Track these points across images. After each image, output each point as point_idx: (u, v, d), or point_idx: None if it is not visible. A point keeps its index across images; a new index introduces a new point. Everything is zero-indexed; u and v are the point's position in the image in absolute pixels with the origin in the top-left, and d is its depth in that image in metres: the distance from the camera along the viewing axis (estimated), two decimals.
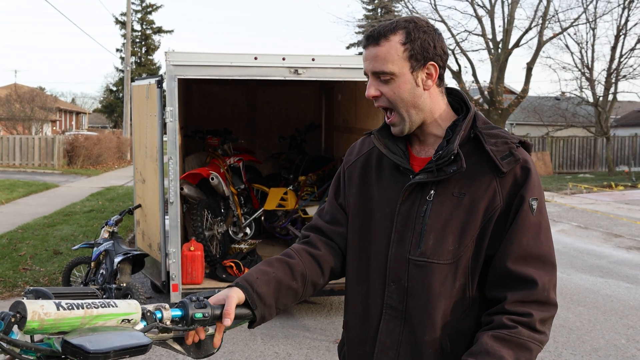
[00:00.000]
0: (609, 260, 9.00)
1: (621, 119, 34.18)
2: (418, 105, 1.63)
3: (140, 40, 51.18)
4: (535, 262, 1.54)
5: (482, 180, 1.59)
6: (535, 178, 1.59)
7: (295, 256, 1.75)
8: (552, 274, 1.56)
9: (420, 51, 1.59)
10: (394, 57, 1.59)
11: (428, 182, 1.62)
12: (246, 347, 5.23)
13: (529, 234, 1.55)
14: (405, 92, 1.61)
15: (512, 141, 1.60)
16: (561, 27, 24.55)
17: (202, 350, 1.64)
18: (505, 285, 1.55)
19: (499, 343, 1.47)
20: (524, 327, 1.50)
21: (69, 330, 1.30)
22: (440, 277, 1.59)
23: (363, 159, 1.81)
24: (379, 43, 1.60)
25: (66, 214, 12.24)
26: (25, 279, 7.25)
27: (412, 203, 1.64)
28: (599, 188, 19.11)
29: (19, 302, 1.24)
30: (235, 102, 9.33)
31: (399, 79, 1.60)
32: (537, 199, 1.58)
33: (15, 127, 31.13)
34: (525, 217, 1.55)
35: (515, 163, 1.57)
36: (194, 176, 6.66)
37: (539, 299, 1.52)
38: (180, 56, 5.49)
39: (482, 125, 1.65)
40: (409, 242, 1.63)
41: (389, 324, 1.66)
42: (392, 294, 1.65)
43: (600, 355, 5.19)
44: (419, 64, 1.60)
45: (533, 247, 1.54)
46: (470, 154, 1.61)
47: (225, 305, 1.54)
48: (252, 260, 6.54)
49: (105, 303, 1.37)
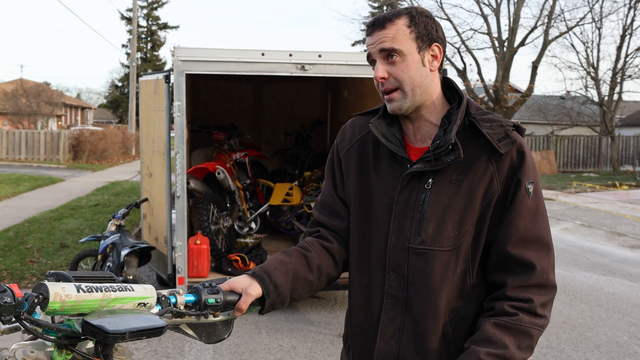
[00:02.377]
0: (612, 258, 9.02)
1: (626, 119, 34.10)
2: (423, 85, 1.64)
3: (146, 36, 51.21)
4: (533, 245, 1.57)
5: (479, 166, 1.61)
6: (530, 161, 1.62)
7: (311, 249, 1.78)
8: (549, 256, 1.59)
9: (425, 32, 1.63)
10: (402, 37, 1.62)
11: (426, 170, 1.63)
12: (251, 339, 5.29)
13: (526, 217, 1.57)
14: (413, 70, 1.63)
15: (507, 124, 1.63)
16: (567, 26, 24.51)
17: (213, 336, 1.68)
18: (506, 269, 1.58)
19: (500, 330, 1.51)
20: (525, 313, 1.53)
21: (88, 312, 1.34)
22: (442, 264, 1.61)
23: (358, 146, 1.81)
24: (385, 26, 1.63)
25: (72, 207, 12.31)
26: (32, 271, 7.32)
27: (410, 192, 1.66)
28: (603, 187, 19.10)
29: (41, 284, 1.29)
30: (241, 97, 9.37)
31: (407, 57, 1.62)
32: (532, 182, 1.60)
33: (21, 121, 31.25)
34: (522, 200, 1.58)
35: (512, 145, 1.60)
36: (200, 171, 6.71)
37: (538, 282, 1.55)
38: (188, 52, 5.54)
39: (475, 111, 1.67)
40: (408, 230, 1.65)
41: (389, 313, 1.67)
42: (392, 282, 1.67)
43: (602, 351, 5.23)
44: (424, 44, 1.63)
45: (531, 231, 1.57)
46: (466, 141, 1.63)
47: (242, 301, 1.58)
48: (257, 254, 6.59)
49: (122, 287, 1.42)
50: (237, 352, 5.01)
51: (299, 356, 4.96)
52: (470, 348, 1.51)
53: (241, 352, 5.01)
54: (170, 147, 5.95)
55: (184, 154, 5.61)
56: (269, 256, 6.67)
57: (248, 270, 6.39)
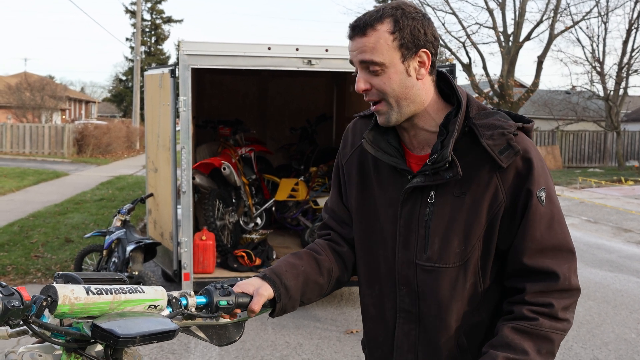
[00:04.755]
0: (618, 254, 8.97)
1: (632, 114, 33.93)
2: (409, 96, 1.53)
3: (150, 30, 51.14)
4: (551, 253, 1.50)
5: (482, 178, 1.52)
6: (539, 166, 1.51)
7: (322, 252, 1.74)
8: (570, 260, 1.52)
9: (410, 39, 1.49)
10: (383, 47, 1.48)
11: (427, 185, 1.56)
12: (257, 336, 5.26)
13: (541, 226, 1.50)
14: (395, 82, 1.51)
15: (509, 131, 1.50)
16: (573, 21, 24.38)
17: (224, 338, 1.65)
18: (524, 277, 1.52)
19: (519, 335, 1.46)
20: (545, 318, 1.47)
21: (97, 314, 1.31)
22: (450, 281, 1.56)
23: (358, 153, 1.74)
24: (365, 33, 1.49)
25: (77, 202, 12.31)
26: (37, 266, 7.31)
27: (413, 205, 1.59)
28: (609, 182, 19.02)
29: (50, 286, 1.25)
30: (246, 92, 9.33)
31: (389, 69, 1.50)
32: (544, 188, 1.51)
33: (25, 115, 31.28)
34: (536, 210, 1.49)
35: (514, 156, 1.49)
36: (206, 166, 6.68)
37: (560, 288, 1.49)
38: (194, 46, 5.50)
39: (476, 113, 1.55)
40: (414, 246, 1.59)
41: (404, 327, 1.64)
42: (403, 297, 1.63)
43: (610, 349, 5.19)
44: (410, 52, 1.50)
45: (547, 239, 1.50)
46: (466, 151, 1.53)
47: (254, 302, 1.56)
48: (263, 250, 6.56)
49: (132, 289, 1.39)
50: (244, 348, 4.99)
51: (306, 353, 4.94)
52: (488, 352, 1.47)
53: (247, 348, 4.99)
54: (175, 142, 5.92)
55: (189, 149, 5.58)
56: (275, 253, 6.66)
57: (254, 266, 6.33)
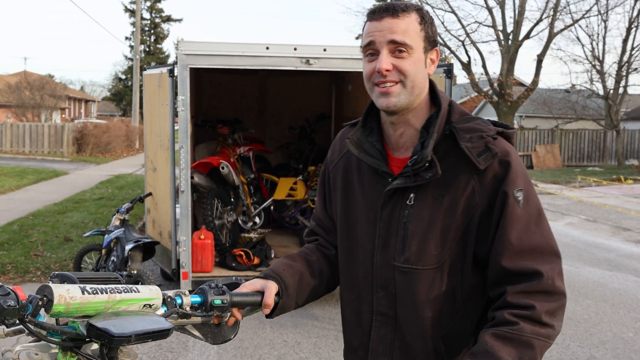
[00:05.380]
0: (617, 253, 8.98)
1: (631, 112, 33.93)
2: (421, 85, 1.59)
3: (149, 29, 51.13)
4: (531, 255, 1.47)
5: (460, 180, 1.54)
6: (518, 169, 1.52)
7: (313, 255, 1.78)
8: (553, 262, 1.48)
9: (431, 34, 1.58)
10: (413, 32, 1.54)
11: (407, 186, 1.57)
12: (255, 335, 5.28)
13: (518, 227, 1.48)
14: (417, 68, 1.56)
15: (488, 134, 1.53)
16: (572, 19, 24.40)
17: (219, 337, 1.67)
18: (505, 281, 1.49)
19: (500, 341, 1.41)
20: (527, 322, 1.42)
21: (93, 314, 1.33)
22: (427, 283, 1.56)
23: (345, 159, 1.77)
24: (398, 16, 1.54)
25: (76, 201, 12.32)
26: (37, 265, 7.32)
27: (392, 208, 1.60)
28: (608, 181, 19.03)
29: (45, 286, 1.27)
30: (245, 91, 9.34)
31: (415, 54, 1.55)
32: (521, 189, 1.51)
33: (25, 114, 31.27)
34: (512, 211, 1.48)
35: (492, 158, 1.51)
36: (204, 165, 6.70)
37: (542, 289, 1.45)
38: (192, 45, 5.51)
39: (457, 118, 1.58)
40: (393, 248, 1.60)
41: (380, 331, 1.64)
42: (380, 300, 1.63)
43: (607, 347, 5.21)
44: (429, 46, 1.59)
45: (525, 240, 1.48)
46: (447, 153, 1.56)
47: (267, 296, 1.60)
48: (262, 249, 6.58)
49: (127, 288, 1.40)
50: (242, 347, 5.01)
51: (303, 351, 4.96)
52: None
53: (245, 347, 5.01)
54: (174, 142, 5.94)
55: (188, 149, 5.59)
56: (273, 252, 6.68)
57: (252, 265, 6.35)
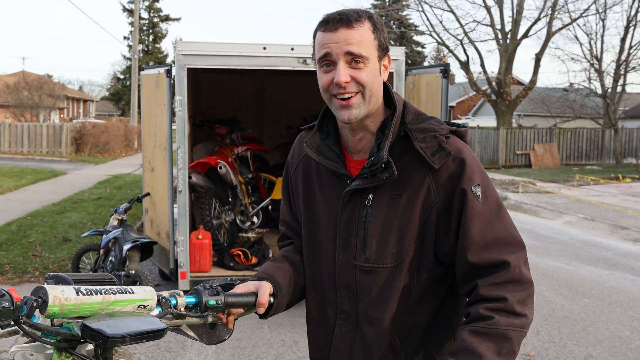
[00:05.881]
0: (615, 252, 9.00)
1: (630, 111, 33.98)
2: (378, 93, 1.60)
3: (148, 28, 51.12)
4: (495, 246, 1.50)
5: (415, 179, 1.57)
6: (473, 165, 1.55)
7: (296, 256, 1.81)
8: (517, 251, 1.51)
9: (383, 42, 1.60)
10: (368, 42, 1.55)
11: (365, 187, 1.60)
12: (253, 334, 5.30)
13: (480, 222, 1.51)
14: (373, 77, 1.57)
15: (441, 133, 1.56)
16: (570, 18, 24.44)
17: (214, 337, 1.68)
18: (474, 276, 1.52)
19: (478, 337, 1.44)
20: (502, 315, 1.45)
21: (87, 315, 1.34)
22: (386, 281, 1.60)
23: (304, 162, 1.79)
24: (353, 26, 1.54)
25: (74, 201, 12.32)
26: (35, 265, 7.33)
27: (352, 208, 1.63)
28: (606, 180, 19.06)
29: (40, 287, 1.28)
30: (243, 91, 9.34)
31: (371, 64, 1.56)
32: (479, 184, 1.54)
33: (23, 114, 31.26)
34: (472, 207, 1.51)
35: (446, 157, 1.54)
36: (202, 165, 6.71)
37: (511, 278, 1.48)
38: (189, 45, 5.52)
39: (412, 118, 1.61)
40: (353, 248, 1.63)
41: (342, 329, 1.68)
42: (343, 299, 1.67)
43: (604, 346, 5.23)
44: (382, 53, 1.60)
45: (488, 233, 1.51)
46: (402, 153, 1.59)
47: (262, 295, 1.61)
48: (259, 248, 6.59)
49: (122, 289, 1.41)
50: (239, 346, 5.02)
51: (301, 350, 4.97)
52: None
53: (243, 346, 5.02)
54: (172, 142, 5.94)
55: (185, 149, 5.60)
56: (271, 251, 6.68)
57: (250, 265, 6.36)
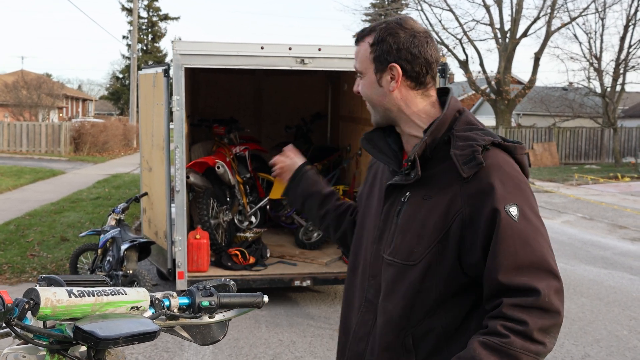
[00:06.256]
0: (613, 251, 9.01)
1: (629, 110, 33.98)
2: (383, 104, 1.69)
3: (147, 28, 51.07)
4: (528, 270, 1.47)
5: (447, 184, 1.58)
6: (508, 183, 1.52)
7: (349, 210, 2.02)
8: (550, 279, 1.48)
9: (381, 54, 1.66)
10: (363, 57, 1.70)
11: (404, 184, 1.65)
12: (250, 334, 5.30)
13: (515, 242, 1.48)
14: (369, 90, 1.71)
15: (478, 143, 1.54)
16: (570, 17, 24.42)
17: (207, 338, 1.68)
18: (501, 295, 1.49)
19: (487, 351, 1.43)
20: (518, 337, 1.42)
21: (80, 316, 1.34)
22: (403, 278, 1.62)
23: None
24: (357, 43, 1.73)
25: (73, 200, 12.32)
26: (33, 265, 7.33)
27: (391, 203, 1.69)
28: (605, 179, 19.07)
29: (32, 289, 1.28)
30: (241, 91, 9.34)
31: (365, 78, 1.71)
32: (516, 204, 1.51)
33: (22, 113, 31.23)
34: (507, 226, 1.48)
35: (476, 167, 1.52)
36: (200, 165, 6.70)
37: (539, 305, 1.45)
38: (187, 45, 5.52)
39: (462, 126, 1.61)
40: (385, 240, 1.68)
41: (364, 316, 1.73)
42: (370, 287, 1.72)
43: (601, 346, 5.23)
44: (382, 65, 1.66)
45: (523, 256, 1.47)
46: (443, 158, 1.60)
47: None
48: (257, 248, 6.59)
49: (115, 291, 1.41)
50: (237, 346, 5.02)
51: (299, 350, 4.97)
52: None
53: (241, 346, 5.02)
54: (169, 141, 5.94)
55: (183, 149, 5.60)
56: (269, 251, 6.68)
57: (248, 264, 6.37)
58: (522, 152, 1.61)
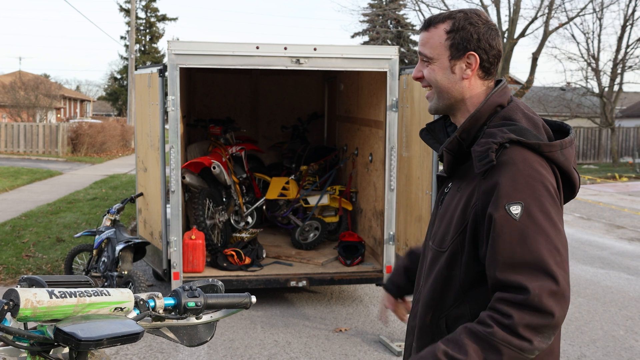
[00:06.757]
0: (610, 251, 9.00)
1: (627, 110, 34.01)
2: (450, 91, 1.72)
3: (145, 28, 51.04)
4: (522, 269, 1.49)
5: (472, 179, 1.65)
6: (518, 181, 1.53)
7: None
8: (543, 280, 1.47)
9: (460, 41, 1.68)
10: (436, 43, 1.70)
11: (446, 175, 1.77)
12: (246, 335, 5.27)
13: (512, 240, 1.50)
14: (440, 75, 1.72)
15: (495, 141, 1.57)
16: (567, 17, 24.39)
17: (195, 339, 1.66)
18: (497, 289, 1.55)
19: (469, 337, 1.49)
20: (502, 329, 1.46)
21: (62, 318, 1.32)
22: (435, 263, 1.73)
23: None
24: (427, 29, 1.73)
25: (69, 201, 12.29)
26: (28, 266, 7.30)
27: (440, 193, 1.83)
28: (603, 179, 19.07)
29: (12, 290, 1.26)
30: (238, 91, 9.32)
31: (436, 64, 1.71)
32: (519, 202, 1.51)
33: (19, 114, 31.16)
34: (505, 223, 1.51)
35: (487, 165, 1.55)
36: (195, 165, 6.68)
37: (527, 303, 1.46)
38: (182, 45, 5.50)
39: (496, 122, 1.65)
40: (431, 228, 1.84)
41: (415, 296, 1.87)
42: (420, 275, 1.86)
43: (598, 346, 5.21)
44: (459, 53, 1.68)
45: (519, 254, 1.49)
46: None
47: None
48: (253, 249, 6.56)
49: (98, 291, 1.39)
50: (232, 347, 4.99)
51: (294, 351, 4.95)
52: (437, 343, 1.54)
53: (236, 347, 5.00)
54: (164, 142, 5.92)
55: (178, 149, 5.58)
56: (264, 252, 6.67)
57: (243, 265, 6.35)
58: (550, 149, 1.59)
